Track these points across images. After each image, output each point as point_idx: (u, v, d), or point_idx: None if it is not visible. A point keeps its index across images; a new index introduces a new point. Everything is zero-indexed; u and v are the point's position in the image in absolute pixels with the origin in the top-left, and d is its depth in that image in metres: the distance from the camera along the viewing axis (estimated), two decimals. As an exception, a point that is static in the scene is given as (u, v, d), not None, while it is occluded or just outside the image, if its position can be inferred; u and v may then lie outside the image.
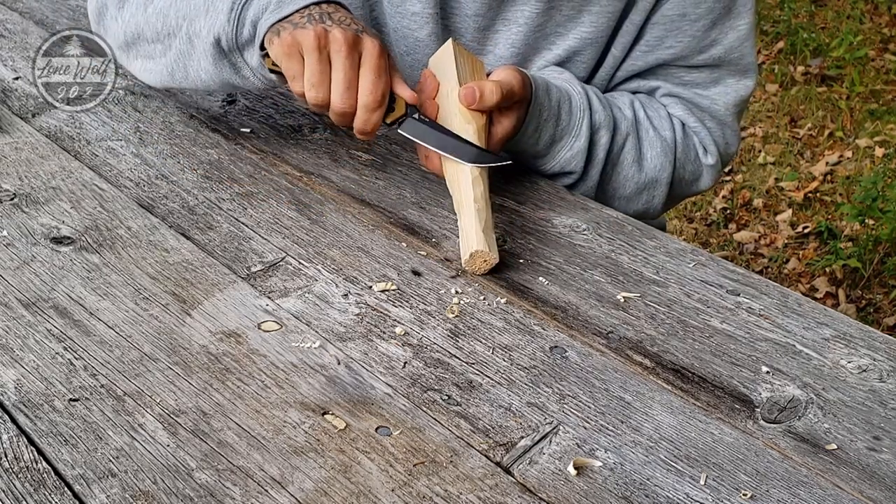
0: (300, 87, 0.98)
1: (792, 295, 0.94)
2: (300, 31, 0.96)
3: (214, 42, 1.03)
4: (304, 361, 0.81)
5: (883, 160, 3.11)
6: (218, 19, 1.02)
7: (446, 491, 0.69)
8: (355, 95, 0.96)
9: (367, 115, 0.97)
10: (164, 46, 1.09)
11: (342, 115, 0.97)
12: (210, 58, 1.04)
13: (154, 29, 1.09)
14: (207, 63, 1.05)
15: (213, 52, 1.04)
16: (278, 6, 0.99)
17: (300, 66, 0.97)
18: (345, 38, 0.95)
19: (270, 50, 0.99)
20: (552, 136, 1.10)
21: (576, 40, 1.15)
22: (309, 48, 0.95)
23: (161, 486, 0.67)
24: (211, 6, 1.03)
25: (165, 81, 1.13)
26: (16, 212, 0.99)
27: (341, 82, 0.95)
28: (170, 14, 1.07)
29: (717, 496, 0.70)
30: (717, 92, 1.19)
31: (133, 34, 1.12)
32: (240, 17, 1.01)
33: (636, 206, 1.21)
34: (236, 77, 1.06)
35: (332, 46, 0.95)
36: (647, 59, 1.18)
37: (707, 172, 1.23)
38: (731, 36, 1.16)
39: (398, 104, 0.99)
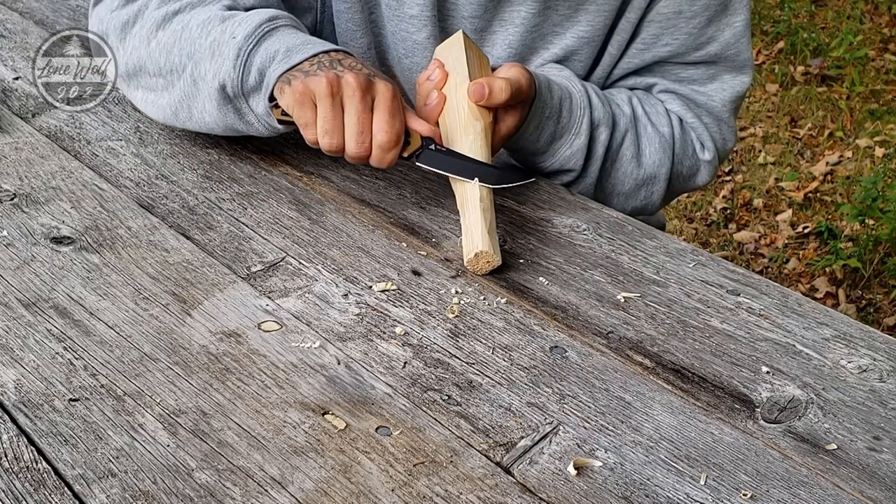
0: (313, 134, 0.96)
1: (792, 295, 0.94)
2: (312, 78, 0.95)
3: (220, 87, 1.01)
4: (304, 361, 0.81)
5: (883, 160, 3.11)
6: (224, 65, 1.00)
7: (446, 491, 0.69)
8: (370, 138, 0.95)
9: (382, 155, 0.95)
10: (166, 81, 1.07)
11: (358, 157, 0.96)
12: (214, 102, 1.02)
13: (157, 64, 1.06)
14: (212, 107, 1.03)
15: (217, 97, 1.02)
16: (287, 55, 0.97)
17: (312, 113, 0.95)
18: (357, 82, 0.93)
19: (281, 99, 0.97)
20: (553, 134, 1.10)
21: (573, 39, 1.16)
22: (321, 95, 0.94)
23: (161, 486, 0.67)
24: (217, 50, 1.01)
25: (169, 120, 1.10)
26: (16, 212, 0.99)
27: (355, 126, 0.94)
28: (173, 51, 1.04)
29: (717, 496, 0.70)
30: (713, 88, 1.20)
31: (135, 66, 1.10)
32: (246, 63, 0.99)
33: (634, 202, 1.21)
34: (240, 123, 1.04)
35: (345, 91, 0.94)
36: (643, 56, 1.18)
37: (704, 168, 1.24)
38: (727, 33, 1.16)
39: (413, 138, 0.98)
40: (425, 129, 0.99)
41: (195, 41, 1.03)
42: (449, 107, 1.01)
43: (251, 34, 0.99)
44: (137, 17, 1.09)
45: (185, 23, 1.05)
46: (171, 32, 1.05)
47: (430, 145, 0.98)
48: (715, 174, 1.27)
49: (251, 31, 0.99)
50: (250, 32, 0.99)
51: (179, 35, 1.04)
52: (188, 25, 1.04)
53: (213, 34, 1.02)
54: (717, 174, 1.33)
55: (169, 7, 1.07)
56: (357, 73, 0.95)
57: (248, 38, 0.99)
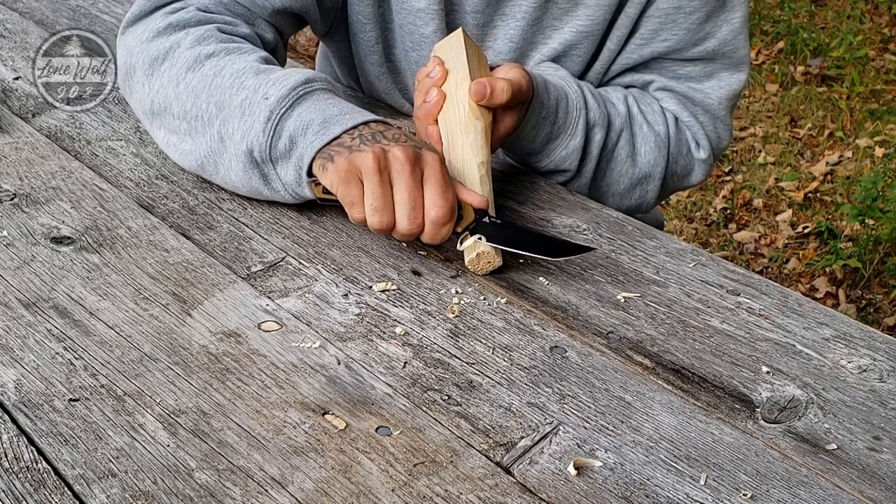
0: (360, 213, 0.91)
1: (792, 295, 0.94)
2: (357, 154, 0.90)
3: (247, 150, 0.96)
4: (304, 361, 0.81)
5: (883, 160, 3.11)
6: (253, 128, 0.95)
7: (446, 491, 0.69)
8: (422, 214, 0.90)
9: (436, 230, 0.91)
10: (189, 126, 1.01)
11: (409, 234, 0.92)
12: (241, 164, 0.98)
13: (183, 107, 1.01)
14: (238, 167, 0.99)
15: (244, 160, 0.97)
16: (323, 126, 0.93)
17: (359, 191, 0.91)
18: (406, 156, 0.89)
19: (323, 177, 0.93)
20: (549, 135, 1.10)
21: (572, 33, 1.16)
22: (369, 171, 0.89)
23: (161, 486, 0.67)
24: (247, 109, 0.96)
25: (196, 170, 1.05)
26: (16, 212, 0.99)
27: (406, 202, 0.90)
28: (202, 97, 0.99)
29: (717, 496, 0.70)
30: (710, 86, 1.20)
31: (160, 106, 1.03)
32: (276, 128, 0.94)
33: (629, 201, 1.22)
34: (266, 189, 0.99)
35: (394, 166, 0.89)
36: (641, 52, 1.18)
37: (699, 167, 1.24)
38: (725, 29, 1.17)
39: (466, 211, 0.93)
40: (477, 200, 0.94)
41: (226, 91, 0.98)
42: (449, 105, 1.01)
43: (285, 97, 0.95)
44: (168, 54, 1.03)
45: (219, 69, 1.00)
46: (202, 77, 1.00)
47: (484, 217, 0.94)
48: (709, 172, 1.28)
49: (285, 93, 0.95)
50: (284, 95, 0.95)
51: (210, 81, 0.99)
52: (221, 73, 0.99)
53: (246, 90, 0.97)
54: (711, 172, 1.33)
55: (203, 49, 1.02)
56: (404, 147, 0.91)
57: (281, 101, 0.95)
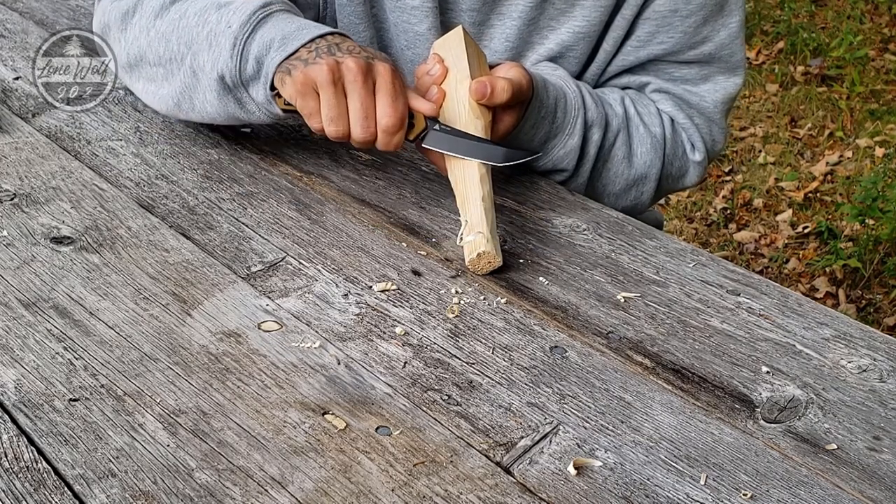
0: (318, 123, 0.96)
1: (792, 295, 0.94)
2: (312, 67, 0.94)
3: (218, 78, 1.01)
4: (304, 361, 0.81)
5: (883, 160, 3.11)
6: (221, 55, 1.00)
7: (446, 491, 0.69)
8: (374, 123, 0.95)
9: (388, 138, 0.96)
10: (165, 71, 1.07)
11: (364, 142, 0.96)
12: (214, 93, 1.03)
13: (156, 53, 1.07)
14: (213, 97, 1.04)
15: (217, 88, 1.02)
16: (283, 43, 0.97)
17: (316, 102, 0.95)
18: (358, 66, 0.93)
19: (283, 90, 0.97)
20: (547, 134, 1.10)
21: (568, 34, 1.16)
22: (323, 83, 0.94)
23: (161, 486, 0.67)
24: (213, 40, 1.01)
25: (172, 110, 1.11)
26: (16, 212, 0.99)
27: (359, 111, 0.94)
28: (171, 39, 1.05)
29: (717, 496, 0.70)
30: (706, 89, 1.20)
31: (136, 56, 1.10)
32: (242, 53, 0.99)
33: (625, 201, 1.22)
34: (241, 112, 1.04)
35: (347, 77, 0.94)
36: (638, 54, 1.18)
37: (694, 168, 1.25)
38: (722, 33, 1.17)
39: (417, 119, 0.98)
40: (428, 108, 0.98)
41: (192, 29, 1.03)
42: (449, 103, 1.01)
43: (246, 23, 1.00)
44: (137, 6, 1.10)
45: (183, 11, 1.05)
46: (169, 21, 1.06)
47: (435, 126, 0.98)
48: (704, 175, 1.28)
49: (245, 19, 1.00)
50: (245, 21, 1.00)
51: (177, 24, 1.05)
52: (185, 14, 1.05)
53: (210, 23, 1.02)
54: (705, 175, 1.33)
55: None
56: (357, 58, 0.95)
57: (243, 26, 0.99)
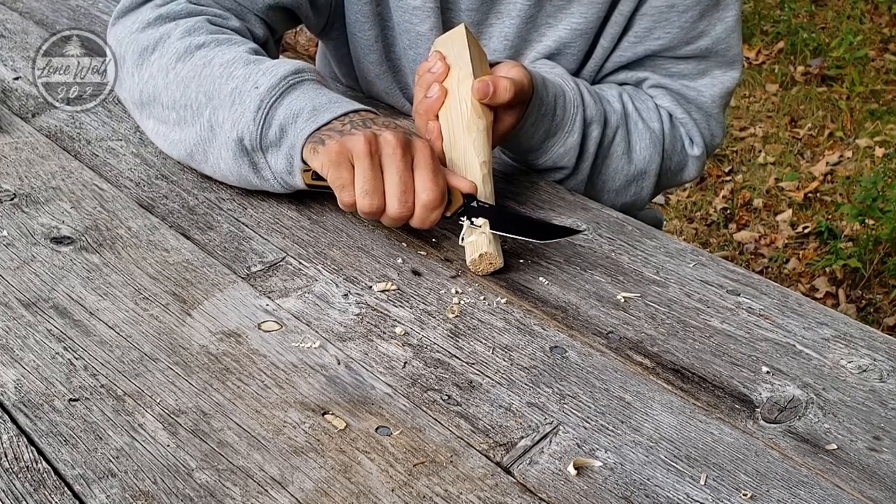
0: (350, 196, 0.92)
1: (792, 295, 0.94)
2: (349, 137, 0.91)
3: (237, 139, 0.97)
4: (304, 361, 0.81)
5: (883, 160, 3.11)
6: (244, 116, 0.96)
7: (446, 491, 0.69)
8: (412, 198, 0.91)
9: (426, 214, 0.92)
10: (178, 116, 1.02)
11: (399, 218, 0.92)
12: (230, 152, 0.99)
13: (172, 97, 1.02)
14: (227, 156, 1.00)
15: (234, 148, 0.98)
16: (314, 113, 0.94)
17: (350, 174, 0.91)
18: (397, 140, 0.90)
19: (313, 160, 0.93)
20: (547, 132, 1.10)
21: (566, 31, 1.16)
22: (360, 154, 0.90)
23: (161, 486, 0.67)
24: (237, 98, 0.97)
25: (184, 159, 1.06)
26: (16, 212, 0.99)
27: (397, 185, 0.90)
28: (191, 86, 1.00)
29: (717, 496, 0.70)
30: (703, 83, 1.21)
31: (150, 96, 1.05)
32: (266, 117, 0.95)
33: (624, 198, 1.22)
34: (255, 177, 1.00)
35: (385, 150, 0.90)
36: (635, 49, 1.18)
37: (692, 163, 1.25)
38: (718, 27, 1.17)
39: (455, 195, 0.94)
40: (466, 185, 0.94)
41: (216, 81, 0.99)
42: (451, 102, 1.01)
43: (275, 86, 0.96)
44: (158, 44, 1.05)
45: (208, 60, 1.01)
46: (192, 67, 1.01)
47: (472, 202, 0.95)
48: (702, 169, 1.29)
49: (275, 82, 0.96)
50: (274, 84, 0.96)
51: (200, 71, 1.01)
52: (210, 63, 1.01)
53: (236, 79, 0.98)
54: (703, 169, 1.34)
55: (193, 39, 1.03)
56: (395, 131, 0.91)
57: (271, 90, 0.96)
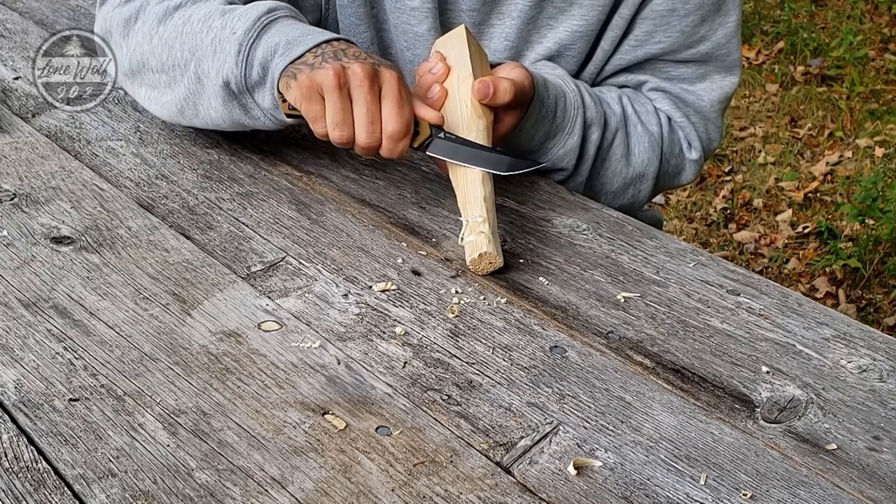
0: (323, 128, 0.95)
1: (792, 295, 0.94)
2: (318, 71, 0.94)
3: (223, 84, 1.01)
4: (304, 361, 0.81)
5: (883, 160, 3.11)
6: (226, 61, 1.00)
7: (446, 491, 0.69)
8: (380, 128, 0.94)
9: (393, 145, 0.95)
10: (168, 77, 1.07)
11: (368, 148, 0.95)
12: (220, 99, 1.03)
13: (159, 59, 1.06)
14: (217, 103, 1.04)
15: (222, 94, 1.02)
16: (288, 47, 0.97)
17: (321, 106, 0.95)
18: (365, 72, 0.92)
19: (288, 94, 0.97)
20: (547, 133, 1.10)
21: (566, 33, 1.16)
22: (329, 87, 0.93)
23: (161, 486, 0.67)
24: (218, 46, 1.01)
25: (175, 117, 1.10)
26: (16, 212, 0.99)
27: (364, 116, 0.93)
28: (175, 45, 1.04)
29: (717, 496, 0.70)
30: (702, 88, 1.21)
31: (138, 62, 1.09)
32: (247, 58, 0.99)
33: (622, 200, 1.22)
34: (247, 118, 1.04)
35: (353, 82, 0.93)
36: (635, 53, 1.19)
37: (690, 167, 1.25)
38: (719, 33, 1.17)
39: (422, 126, 0.97)
40: (433, 116, 0.98)
41: (196, 36, 1.03)
42: (451, 102, 1.01)
43: (250, 28, 0.99)
44: (139, 12, 1.09)
45: (187, 17, 1.05)
46: (173, 27, 1.05)
47: (440, 133, 0.98)
48: (699, 172, 1.29)
49: (250, 24, 1.00)
50: (249, 26, 0.99)
51: (181, 30, 1.05)
52: (189, 20, 1.05)
53: (214, 29, 1.02)
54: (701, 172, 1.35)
55: (170, 2, 1.07)
56: (363, 63, 0.94)
57: (247, 32, 0.99)
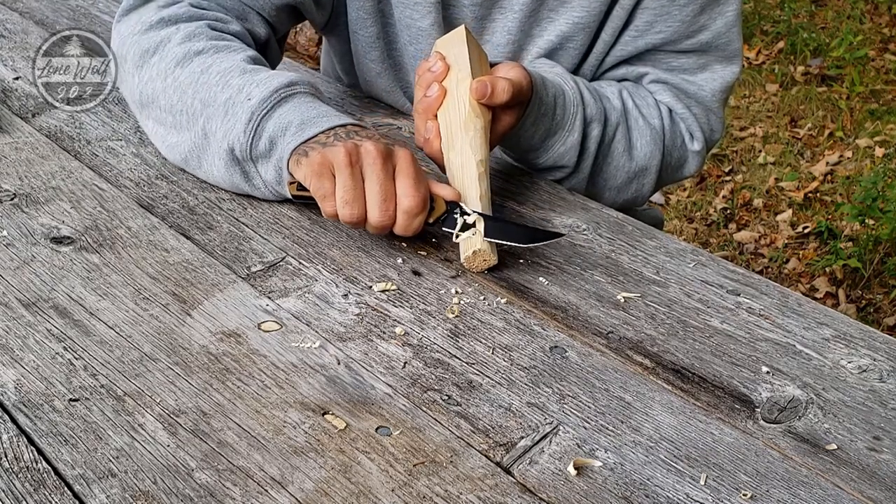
0: (332, 207, 0.92)
1: (792, 295, 0.94)
2: (330, 148, 0.92)
3: (228, 149, 0.99)
4: (304, 361, 0.81)
5: (883, 160, 3.11)
6: (235, 127, 0.98)
7: (446, 491, 0.69)
8: (394, 206, 0.91)
9: (409, 221, 0.92)
10: (175, 120, 1.04)
11: (381, 227, 0.92)
12: (222, 161, 1.01)
13: (170, 101, 1.04)
14: (220, 164, 1.02)
15: (225, 157, 1.00)
16: (301, 128, 0.95)
17: (331, 184, 0.92)
18: (377, 149, 0.91)
19: (297, 172, 0.95)
20: (547, 131, 1.10)
21: (567, 25, 1.17)
22: (341, 164, 0.90)
23: (161, 486, 0.67)
24: (230, 109, 0.99)
25: (179, 164, 1.08)
26: (16, 212, 0.99)
27: (378, 194, 0.90)
28: (188, 93, 1.02)
29: (717, 496, 0.70)
30: (703, 78, 1.21)
31: (149, 97, 1.07)
32: (257, 129, 0.97)
33: (626, 195, 1.22)
34: (246, 185, 1.02)
35: (366, 160, 0.91)
36: (636, 43, 1.19)
37: (693, 158, 1.25)
38: (719, 22, 1.17)
39: (437, 203, 0.94)
40: (449, 193, 0.95)
41: (212, 89, 1.01)
42: (449, 101, 1.02)
43: (266, 99, 0.97)
44: (158, 48, 1.06)
45: (206, 67, 1.02)
46: (189, 73, 1.03)
47: (456, 210, 0.95)
48: (703, 164, 1.29)
49: (267, 95, 0.97)
50: (266, 97, 0.97)
51: (197, 78, 1.02)
52: (208, 70, 1.02)
53: (231, 89, 1.00)
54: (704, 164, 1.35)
55: (192, 45, 1.05)
56: (376, 142, 0.92)
57: (262, 102, 0.97)
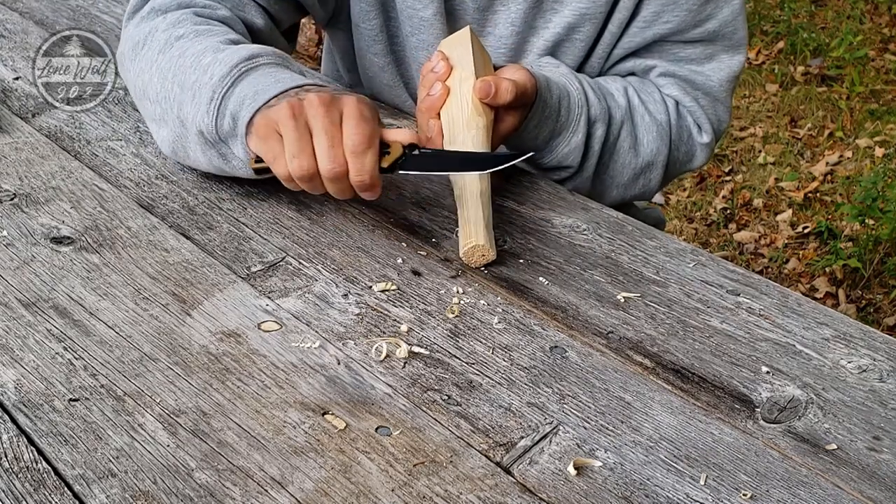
0: (283, 167, 0.89)
1: (792, 295, 0.94)
2: (273, 109, 0.89)
3: (198, 132, 0.97)
4: (304, 361, 0.81)
5: (883, 160, 3.11)
6: (199, 109, 0.95)
7: (446, 491, 0.69)
8: (342, 151, 0.87)
9: (359, 162, 0.87)
10: (161, 110, 1.02)
11: (335, 176, 0.88)
12: (199, 146, 0.99)
13: (155, 90, 1.02)
14: (197, 149, 1.00)
15: (199, 141, 0.98)
16: (255, 97, 0.92)
17: (279, 144, 0.89)
18: (320, 98, 0.87)
19: (250, 143, 0.92)
20: (551, 132, 1.10)
21: (573, 15, 1.16)
22: (283, 120, 0.87)
23: (161, 486, 0.67)
24: (197, 91, 0.96)
25: (171, 156, 1.07)
26: (16, 212, 0.99)
27: (324, 141, 0.87)
28: (167, 78, 1.00)
29: (717, 496, 0.70)
30: (711, 68, 1.21)
31: (141, 90, 1.05)
32: (219, 108, 0.94)
33: (633, 191, 1.23)
34: (227, 166, 0.99)
35: (309, 111, 0.87)
36: (644, 34, 1.19)
37: (701, 151, 1.25)
38: (725, 10, 1.18)
39: (393, 147, 0.90)
40: (405, 136, 0.92)
41: (186, 72, 0.98)
42: (452, 100, 1.02)
43: (226, 76, 0.95)
44: (147, 38, 1.06)
45: (183, 50, 1.01)
46: (170, 58, 1.01)
47: (414, 151, 0.91)
48: (711, 156, 1.29)
49: (226, 72, 0.95)
50: (225, 74, 0.95)
51: (175, 62, 1.00)
52: (185, 53, 1.00)
53: (200, 69, 0.97)
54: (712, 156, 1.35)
55: (174, 31, 1.03)
56: (319, 92, 0.89)
57: (222, 79, 0.95)
